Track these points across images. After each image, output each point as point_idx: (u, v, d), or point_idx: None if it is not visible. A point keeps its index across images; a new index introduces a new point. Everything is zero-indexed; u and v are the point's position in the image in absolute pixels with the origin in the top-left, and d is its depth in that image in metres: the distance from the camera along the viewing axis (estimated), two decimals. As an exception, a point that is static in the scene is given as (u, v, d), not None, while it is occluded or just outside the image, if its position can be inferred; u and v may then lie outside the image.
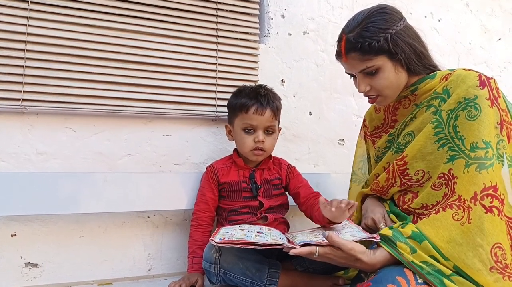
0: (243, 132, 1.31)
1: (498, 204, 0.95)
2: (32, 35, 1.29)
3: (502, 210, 0.95)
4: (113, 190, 1.31)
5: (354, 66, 1.12)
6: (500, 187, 0.97)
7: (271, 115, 1.31)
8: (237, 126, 1.32)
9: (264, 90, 1.34)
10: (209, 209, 1.33)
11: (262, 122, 1.30)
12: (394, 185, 1.15)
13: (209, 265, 1.10)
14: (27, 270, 1.28)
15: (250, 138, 1.30)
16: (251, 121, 1.29)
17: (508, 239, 0.95)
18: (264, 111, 1.29)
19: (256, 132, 1.30)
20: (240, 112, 1.30)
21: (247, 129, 1.31)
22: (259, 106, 1.29)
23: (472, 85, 1.04)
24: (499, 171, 0.98)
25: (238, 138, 1.34)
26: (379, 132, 1.31)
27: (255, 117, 1.29)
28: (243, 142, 1.31)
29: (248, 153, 1.32)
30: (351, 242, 0.97)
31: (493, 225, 0.93)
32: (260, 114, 1.29)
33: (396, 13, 1.11)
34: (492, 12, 2.27)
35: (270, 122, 1.32)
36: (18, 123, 1.29)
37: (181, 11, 1.49)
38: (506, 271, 0.91)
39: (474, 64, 2.16)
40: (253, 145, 1.30)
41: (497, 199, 0.95)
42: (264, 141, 1.30)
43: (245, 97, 1.31)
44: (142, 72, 1.42)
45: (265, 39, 1.67)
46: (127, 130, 1.42)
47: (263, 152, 1.32)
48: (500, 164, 0.99)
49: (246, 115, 1.29)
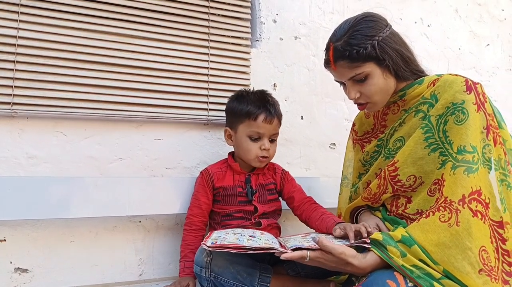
0: (248, 139, 1.31)
1: (481, 208, 0.97)
2: (22, 38, 1.28)
3: (485, 214, 0.97)
4: (104, 194, 1.30)
5: (343, 74, 1.13)
6: (484, 191, 0.98)
7: (278, 124, 1.34)
8: (242, 132, 1.32)
9: (270, 98, 1.35)
10: (202, 214, 1.33)
11: (270, 131, 1.31)
12: (386, 192, 1.15)
13: (200, 269, 1.09)
14: (17, 276, 1.27)
15: (256, 146, 1.31)
16: (259, 129, 1.30)
17: (494, 242, 0.97)
18: (272, 120, 1.30)
19: (262, 140, 1.31)
20: (248, 119, 1.30)
21: (253, 137, 1.31)
22: (268, 115, 1.29)
23: (459, 90, 1.06)
24: (483, 175, 1.00)
25: (242, 145, 1.33)
26: (368, 137, 1.32)
27: (263, 126, 1.29)
28: (249, 149, 1.31)
29: (253, 159, 1.32)
30: (342, 246, 0.97)
31: (478, 228, 0.95)
32: (268, 123, 1.30)
33: (381, 20, 1.13)
34: (480, 18, 2.30)
35: (276, 130, 1.34)
36: (8, 127, 1.28)
37: (173, 15, 1.49)
38: (492, 273, 0.93)
39: (464, 69, 2.19)
40: (259, 152, 1.31)
41: (481, 203, 0.97)
42: (269, 149, 1.32)
43: (252, 104, 1.30)
44: (134, 76, 1.41)
45: (256, 44, 1.68)
46: (118, 134, 1.41)
47: (267, 159, 1.34)
48: (486, 168, 1.01)
49: (254, 123, 1.29)
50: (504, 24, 2.39)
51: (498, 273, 0.95)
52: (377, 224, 1.15)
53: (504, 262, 0.97)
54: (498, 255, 0.97)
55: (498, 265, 0.96)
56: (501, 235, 0.98)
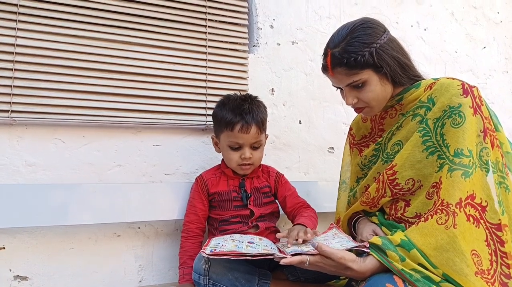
0: (229, 149, 1.30)
1: (474, 212, 0.98)
2: (20, 46, 1.29)
3: (479, 218, 0.98)
4: (103, 201, 1.30)
5: (341, 80, 1.13)
6: (479, 194, 1.00)
7: (257, 131, 1.29)
8: (223, 142, 1.31)
9: (248, 105, 1.29)
10: (199, 220, 1.33)
11: (248, 140, 1.29)
12: (385, 196, 1.15)
13: (199, 276, 1.09)
14: (16, 283, 1.26)
15: (237, 155, 1.30)
16: (236, 139, 1.28)
17: (492, 244, 0.97)
18: (249, 128, 1.27)
19: (243, 149, 1.29)
20: (226, 129, 1.28)
21: (233, 146, 1.30)
22: (244, 123, 1.26)
23: (455, 94, 1.06)
24: (478, 179, 1.01)
25: (224, 154, 1.33)
26: (366, 141, 1.32)
27: (240, 136, 1.27)
28: (230, 158, 1.31)
29: (236, 167, 1.33)
30: (342, 251, 0.97)
31: (470, 233, 0.96)
32: (245, 132, 1.27)
33: (379, 27, 1.13)
34: (476, 21, 2.32)
35: (256, 138, 1.30)
36: (6, 135, 1.28)
37: (171, 22, 1.50)
38: (483, 276, 0.93)
39: (460, 72, 2.20)
40: (240, 161, 1.30)
41: (473, 207, 0.98)
42: (252, 156, 1.30)
43: (230, 113, 1.27)
44: (132, 82, 1.42)
45: (254, 49, 1.69)
46: (117, 140, 1.42)
47: (251, 166, 1.33)
48: (483, 171, 1.01)
49: (231, 133, 1.27)
50: (500, 26, 2.40)
51: (495, 275, 0.95)
52: (373, 230, 1.15)
53: (502, 264, 0.97)
54: (497, 257, 0.97)
55: (496, 267, 0.96)
56: (499, 237, 0.98)
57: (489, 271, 0.95)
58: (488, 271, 0.95)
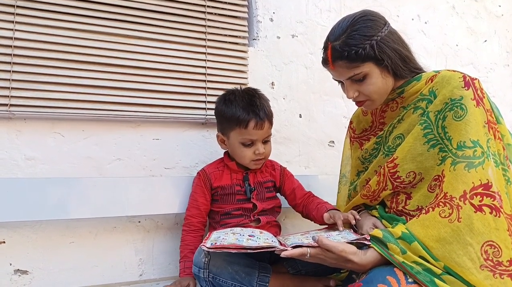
0: (242, 146, 1.29)
1: (490, 201, 0.94)
2: (19, 39, 1.28)
3: (499, 207, 0.93)
4: (103, 195, 1.30)
5: (342, 74, 1.12)
6: (495, 183, 0.95)
7: (269, 126, 1.31)
8: (234, 139, 1.29)
9: (259, 101, 1.29)
10: (200, 215, 1.32)
11: (262, 135, 1.29)
12: (385, 189, 1.15)
13: (198, 270, 1.09)
14: (17, 277, 1.26)
15: (250, 151, 1.29)
16: (250, 136, 1.27)
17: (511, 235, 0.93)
18: (263, 125, 1.27)
19: (255, 145, 1.29)
20: (238, 127, 1.26)
21: (246, 143, 1.29)
22: (258, 120, 1.26)
23: (457, 86, 1.06)
24: (492, 168, 0.97)
25: (236, 151, 1.31)
26: (367, 135, 1.31)
27: (254, 132, 1.27)
28: (243, 155, 1.30)
29: (249, 163, 1.32)
30: (342, 244, 0.97)
31: (483, 223, 0.93)
32: (260, 128, 1.27)
33: (380, 19, 1.12)
34: (477, 14, 2.30)
35: (268, 133, 1.32)
36: (5, 129, 1.28)
37: (170, 15, 1.49)
38: (497, 268, 0.91)
39: (461, 66, 2.20)
40: (253, 156, 1.30)
41: (489, 197, 0.94)
42: (264, 151, 1.31)
43: (241, 110, 1.26)
44: (131, 76, 1.41)
45: (254, 43, 1.68)
46: (116, 134, 1.41)
47: (264, 159, 1.34)
48: (492, 162, 0.99)
49: (245, 130, 1.26)
50: (501, 20, 2.39)
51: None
52: (373, 223, 1.15)
53: None
54: None
55: None
56: None
57: (511, 262, 0.91)
58: (509, 262, 0.91)
